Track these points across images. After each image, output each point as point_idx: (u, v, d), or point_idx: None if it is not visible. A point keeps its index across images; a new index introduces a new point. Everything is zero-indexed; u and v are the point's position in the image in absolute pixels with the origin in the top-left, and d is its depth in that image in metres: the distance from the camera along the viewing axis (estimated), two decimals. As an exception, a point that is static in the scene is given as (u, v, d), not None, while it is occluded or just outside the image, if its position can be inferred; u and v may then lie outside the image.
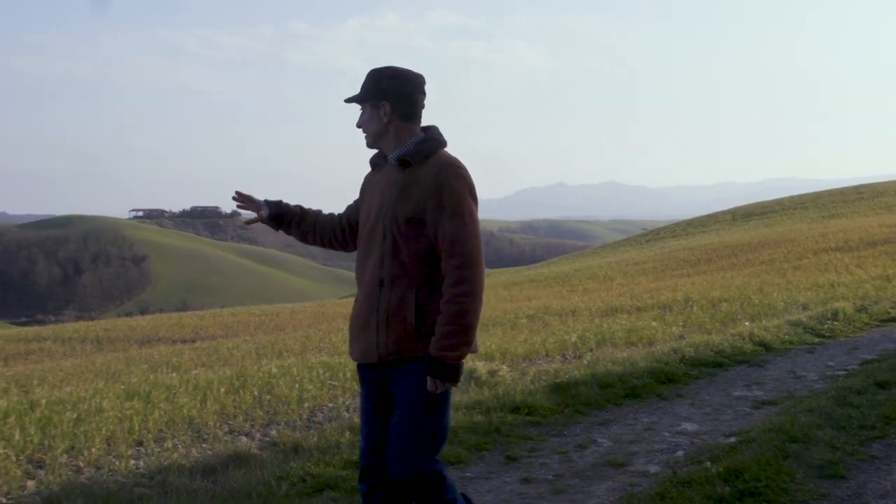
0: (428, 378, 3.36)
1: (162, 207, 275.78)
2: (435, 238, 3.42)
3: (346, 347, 14.35)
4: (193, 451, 6.41)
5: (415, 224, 3.44)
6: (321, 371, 9.60)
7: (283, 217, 3.89)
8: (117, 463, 6.10)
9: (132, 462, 6.14)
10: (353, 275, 3.62)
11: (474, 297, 3.32)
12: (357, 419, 7.01)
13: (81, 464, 6.19)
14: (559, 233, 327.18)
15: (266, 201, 3.87)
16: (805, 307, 14.83)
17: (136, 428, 7.09)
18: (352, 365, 10.05)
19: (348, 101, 3.69)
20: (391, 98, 3.56)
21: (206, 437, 6.94)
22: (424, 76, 3.65)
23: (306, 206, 3.96)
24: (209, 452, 6.31)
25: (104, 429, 7.03)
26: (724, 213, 66.63)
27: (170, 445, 6.61)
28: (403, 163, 3.54)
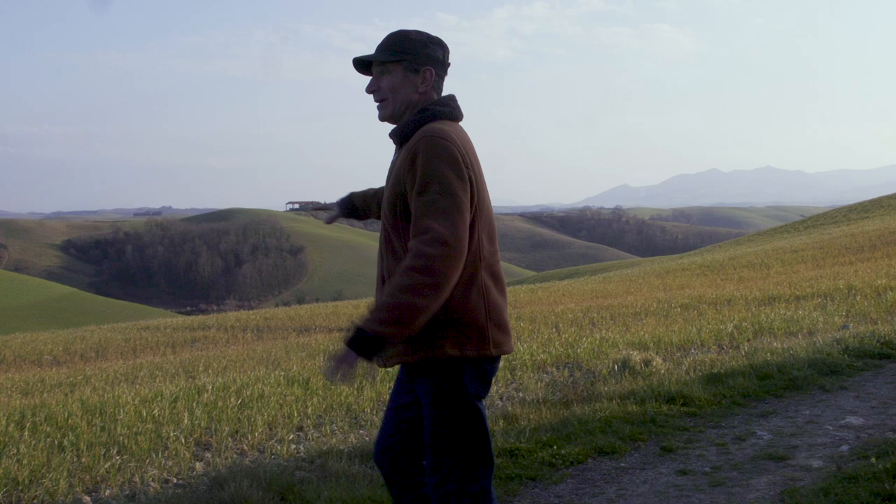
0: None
1: (317, 200, 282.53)
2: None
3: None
4: (351, 436, 6.57)
5: (398, 209, 3.04)
6: (474, 360, 9.67)
7: (356, 207, 3.61)
8: (279, 447, 6.32)
9: (293, 446, 6.34)
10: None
11: (427, 274, 2.79)
12: (510, 408, 7.05)
13: (245, 447, 6.44)
14: (712, 220, 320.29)
15: (339, 201, 3.62)
16: (980, 296, 14.04)
17: (296, 413, 7.32)
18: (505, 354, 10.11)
19: (367, 59, 3.17)
20: (436, 66, 3.13)
21: (362, 423, 7.11)
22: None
23: None
24: (366, 438, 6.45)
25: (266, 414, 7.29)
26: (889, 197, 63.61)
27: (328, 431, 6.80)
28: (401, 139, 3.13)
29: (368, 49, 3.27)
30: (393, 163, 3.17)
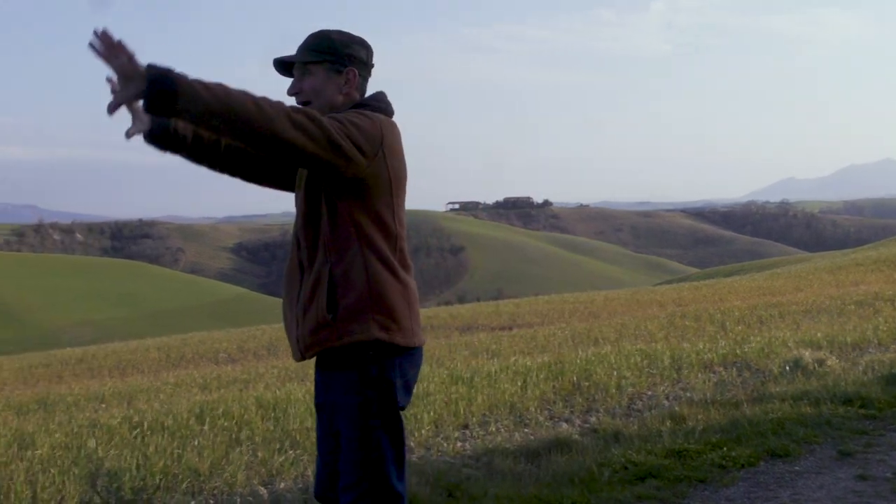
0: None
1: (476, 200, 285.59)
2: None
3: (662, 334, 14.20)
4: (516, 435, 6.60)
5: (319, 192, 2.86)
6: (639, 358, 9.56)
7: (177, 132, 2.90)
8: (445, 444, 6.40)
9: (458, 444, 6.40)
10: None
11: (294, 116, 2.58)
12: (677, 408, 6.93)
13: (412, 444, 6.54)
14: (887, 212, 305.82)
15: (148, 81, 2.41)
16: None
17: (461, 411, 7.39)
18: (670, 352, 9.94)
19: (288, 59, 3.00)
20: (360, 67, 2.98)
21: (527, 421, 7.12)
22: None
23: None
24: (531, 437, 6.46)
25: (432, 411, 7.39)
26: None
27: (493, 429, 6.84)
28: None
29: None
30: None
